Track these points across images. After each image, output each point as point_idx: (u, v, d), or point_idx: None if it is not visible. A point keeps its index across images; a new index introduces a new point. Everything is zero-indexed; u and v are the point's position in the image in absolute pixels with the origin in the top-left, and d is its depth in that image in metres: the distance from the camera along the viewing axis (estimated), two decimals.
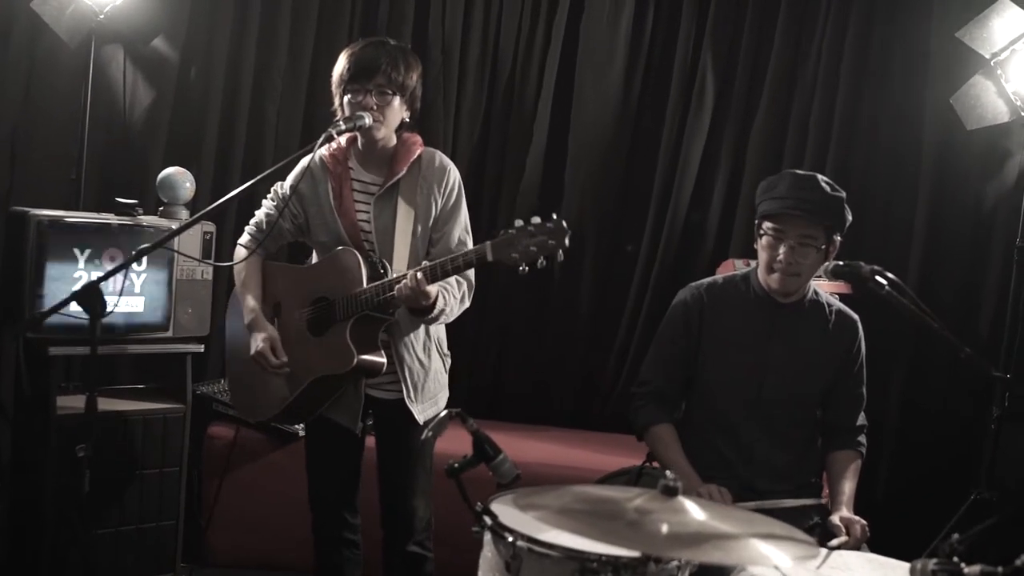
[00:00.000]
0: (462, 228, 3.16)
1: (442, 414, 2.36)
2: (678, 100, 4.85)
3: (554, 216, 2.73)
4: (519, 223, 2.74)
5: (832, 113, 4.72)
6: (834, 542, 2.77)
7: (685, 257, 4.90)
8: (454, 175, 3.15)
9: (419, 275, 2.84)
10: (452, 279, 3.02)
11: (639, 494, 2.13)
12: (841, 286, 3.92)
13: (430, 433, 2.39)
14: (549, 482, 2.67)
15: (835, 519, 2.88)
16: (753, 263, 4.38)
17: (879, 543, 2.93)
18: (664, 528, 1.96)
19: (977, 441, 4.57)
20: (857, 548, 2.82)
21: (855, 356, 3.17)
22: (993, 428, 4.23)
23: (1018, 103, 4.18)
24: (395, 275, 2.97)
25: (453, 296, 3.04)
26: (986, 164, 4.63)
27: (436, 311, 2.96)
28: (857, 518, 2.86)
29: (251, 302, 3.20)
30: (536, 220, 2.73)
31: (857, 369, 3.19)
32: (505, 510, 2.41)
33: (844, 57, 4.70)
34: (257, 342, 3.13)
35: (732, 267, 4.37)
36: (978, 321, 4.64)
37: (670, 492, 2.08)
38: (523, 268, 2.72)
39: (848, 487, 3.03)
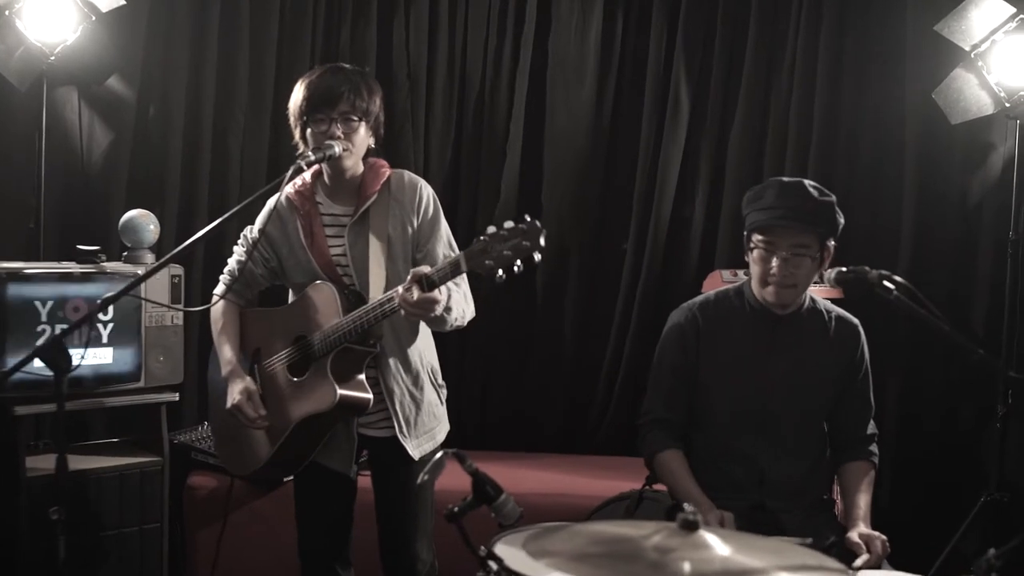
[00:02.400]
0: (445, 244, 3.03)
1: (438, 455, 2.21)
2: (653, 109, 4.74)
3: (527, 217, 2.58)
4: (491, 229, 2.58)
5: (811, 114, 4.62)
6: (858, 562, 2.64)
7: (670, 270, 4.78)
8: (426, 191, 3.02)
9: (413, 288, 2.66)
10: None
11: (657, 530, 1.99)
12: (832, 291, 3.81)
13: (426, 476, 2.25)
14: (546, 513, 2.53)
15: (854, 536, 2.75)
16: (741, 273, 4.31)
17: (890, 554, 2.81)
18: (687, 567, 1.82)
19: (980, 442, 4.48)
20: (878, 565, 2.70)
21: (859, 362, 3.07)
22: (999, 427, 4.12)
23: (1002, 94, 4.10)
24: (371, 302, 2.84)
25: (462, 294, 2.92)
26: (970, 158, 4.55)
27: (453, 313, 2.85)
28: (877, 534, 2.74)
29: (227, 353, 3.04)
30: (508, 224, 2.57)
31: (862, 376, 3.08)
32: (510, 552, 2.27)
33: (819, 56, 4.61)
34: (234, 395, 2.97)
35: (720, 278, 4.28)
36: (971, 318, 4.55)
37: (690, 527, 1.94)
38: (500, 275, 2.55)
39: (864, 501, 2.91)
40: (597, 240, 4.84)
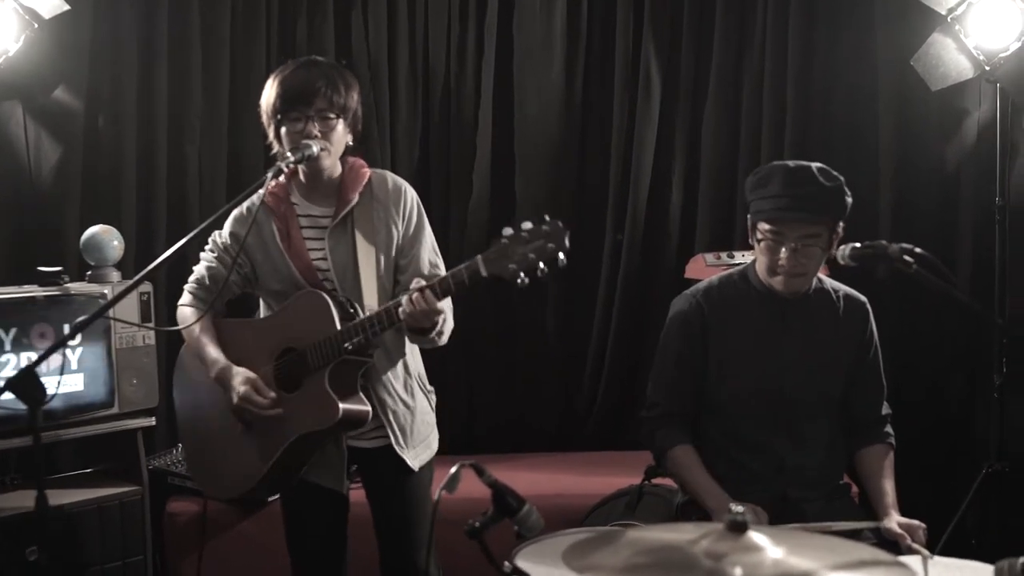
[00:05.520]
0: (430, 249, 2.90)
1: (453, 469, 2.09)
2: (624, 89, 4.60)
3: (547, 217, 2.47)
4: (509, 231, 2.47)
5: (784, 87, 4.52)
6: (925, 552, 2.51)
7: (650, 257, 4.66)
8: (411, 195, 2.89)
9: (427, 291, 2.55)
10: None
11: (703, 533, 1.87)
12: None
13: (444, 491, 2.12)
14: (544, 516, 2.41)
15: (894, 527, 2.65)
16: (723, 255, 4.22)
17: None
18: (738, 573, 1.71)
19: (972, 414, 4.44)
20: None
21: (868, 340, 2.98)
22: (996, 397, 4.06)
23: (981, 57, 4.03)
24: (367, 313, 2.70)
25: (449, 307, 2.79)
26: (945, 124, 4.49)
27: (440, 325, 2.69)
28: (917, 523, 2.65)
29: (212, 353, 2.85)
30: (527, 224, 2.46)
31: (873, 354, 3.00)
32: (546, 567, 2.14)
33: (790, 27, 4.51)
34: (237, 388, 2.77)
35: (703, 262, 4.20)
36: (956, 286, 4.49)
37: (738, 528, 1.83)
38: (522, 279, 2.45)
39: (890, 487, 2.84)
40: (575, 228, 4.67)
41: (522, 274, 2.45)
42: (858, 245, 2.61)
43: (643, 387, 3.15)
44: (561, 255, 2.45)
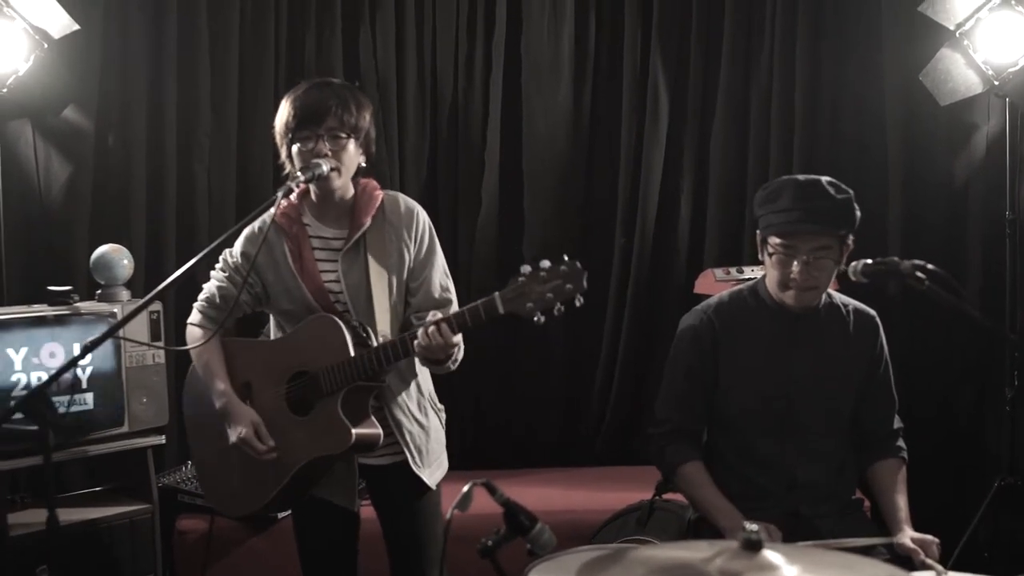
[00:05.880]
0: (441, 273, 2.89)
1: (465, 488, 2.08)
2: (632, 106, 4.63)
3: (565, 258, 2.50)
4: (527, 269, 2.49)
5: (792, 104, 4.53)
6: (938, 567, 2.49)
7: (659, 272, 4.68)
8: (423, 218, 2.89)
9: (443, 326, 2.57)
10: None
11: (717, 552, 1.85)
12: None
13: (456, 510, 2.12)
14: (557, 529, 2.41)
15: (907, 542, 2.64)
16: (732, 270, 4.21)
17: None
18: None
19: (982, 429, 4.43)
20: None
21: (879, 355, 2.97)
22: (1009, 410, 4.05)
23: (990, 72, 4.03)
24: (381, 338, 2.71)
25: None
26: (953, 139, 4.48)
27: (454, 355, 2.71)
28: (931, 537, 2.63)
29: (220, 384, 2.85)
30: (546, 264, 2.49)
31: (884, 369, 2.98)
32: None
33: (798, 45, 4.52)
34: (239, 428, 2.78)
35: (712, 277, 4.19)
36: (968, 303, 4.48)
37: (753, 547, 1.81)
38: (539, 318, 2.48)
39: (903, 501, 2.82)
40: (583, 244, 4.70)
41: (539, 313, 2.48)
42: (870, 261, 2.60)
43: (652, 402, 3.14)
44: (579, 296, 2.48)
